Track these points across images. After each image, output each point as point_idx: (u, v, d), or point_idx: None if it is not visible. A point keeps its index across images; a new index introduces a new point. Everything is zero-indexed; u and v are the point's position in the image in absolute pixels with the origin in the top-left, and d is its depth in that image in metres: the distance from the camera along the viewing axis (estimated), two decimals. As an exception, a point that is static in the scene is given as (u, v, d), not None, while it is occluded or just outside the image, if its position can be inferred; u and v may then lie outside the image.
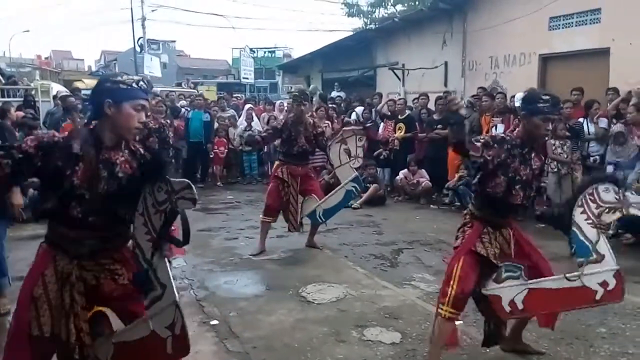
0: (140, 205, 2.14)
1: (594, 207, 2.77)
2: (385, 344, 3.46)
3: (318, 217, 5.57)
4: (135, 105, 2.10)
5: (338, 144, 5.58)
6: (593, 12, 8.60)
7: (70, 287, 2.13)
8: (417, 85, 11.94)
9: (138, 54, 23.07)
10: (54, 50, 43.04)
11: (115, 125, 2.12)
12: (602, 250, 2.78)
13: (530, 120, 2.84)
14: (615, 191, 2.75)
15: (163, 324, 2.14)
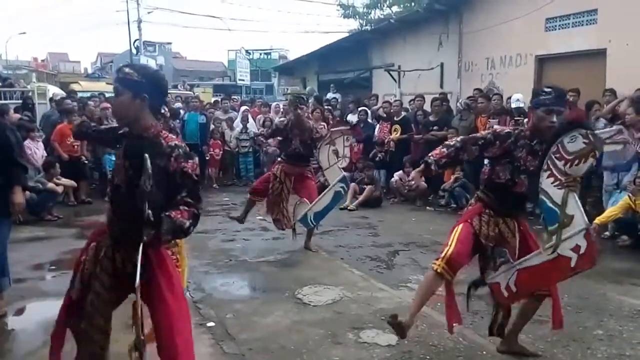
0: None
1: (561, 165, 2.78)
2: (382, 346, 3.44)
3: (310, 222, 5.62)
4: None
5: (327, 146, 5.64)
6: (590, 13, 8.62)
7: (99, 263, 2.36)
8: (413, 86, 11.94)
9: (134, 56, 23.06)
10: (51, 52, 42.99)
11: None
12: (571, 210, 2.78)
13: (534, 113, 2.96)
14: (584, 135, 2.74)
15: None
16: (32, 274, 5.01)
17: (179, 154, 2.23)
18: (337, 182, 5.59)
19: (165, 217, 2.10)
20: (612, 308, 4.07)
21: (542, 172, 2.83)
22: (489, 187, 3.14)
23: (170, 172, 2.20)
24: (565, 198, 2.76)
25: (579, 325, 3.73)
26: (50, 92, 12.27)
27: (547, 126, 2.89)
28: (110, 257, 2.34)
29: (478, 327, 3.71)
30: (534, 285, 3.04)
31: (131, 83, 2.25)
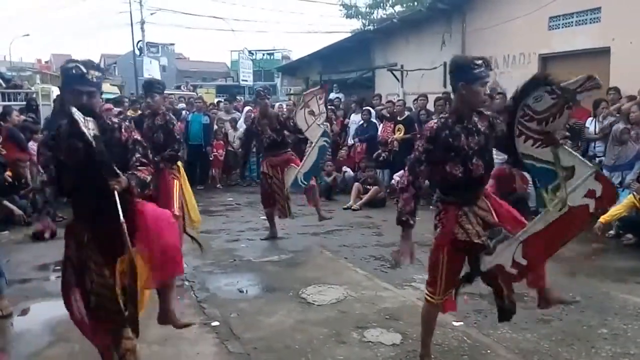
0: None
1: (534, 125, 2.66)
2: (386, 345, 3.45)
3: (300, 182, 5.83)
4: (71, 92, 2.57)
5: (302, 110, 5.84)
6: (593, 12, 8.60)
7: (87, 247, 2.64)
8: (416, 86, 11.93)
9: (137, 57, 23.13)
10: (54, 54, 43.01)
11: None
12: (568, 162, 2.67)
13: (469, 89, 2.74)
14: (549, 91, 2.63)
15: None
16: (37, 275, 5.04)
17: (127, 126, 2.76)
18: (319, 138, 5.72)
19: (131, 174, 2.59)
20: (616, 307, 4.06)
21: (516, 139, 2.71)
22: (447, 187, 2.88)
23: (122, 141, 2.68)
24: (556, 153, 2.67)
25: (583, 324, 3.72)
26: (54, 93, 12.31)
27: (482, 100, 2.82)
28: (92, 237, 2.63)
29: (482, 326, 3.72)
30: (548, 249, 2.85)
31: (99, 83, 2.66)
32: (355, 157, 9.86)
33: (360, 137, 9.90)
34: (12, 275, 4.86)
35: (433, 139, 2.79)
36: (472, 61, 2.77)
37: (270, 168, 6.00)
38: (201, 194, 9.52)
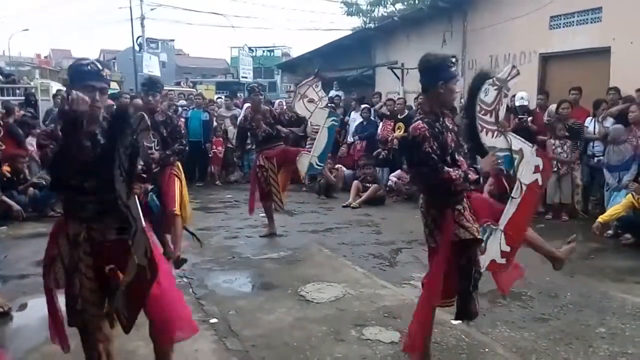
0: (116, 159, 2.34)
1: (488, 117, 2.89)
2: (384, 343, 3.45)
3: (316, 166, 5.97)
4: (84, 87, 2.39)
5: (300, 101, 5.90)
6: (594, 11, 8.58)
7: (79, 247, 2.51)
8: (416, 84, 11.78)
9: (137, 53, 23.07)
10: (53, 49, 42.98)
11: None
12: (517, 145, 2.97)
13: (447, 87, 2.76)
14: (492, 83, 2.86)
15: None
16: (35, 270, 5.01)
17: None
18: (326, 119, 5.84)
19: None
20: (614, 306, 4.07)
21: (479, 134, 2.88)
22: (440, 189, 2.77)
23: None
24: (508, 139, 2.96)
25: (581, 324, 3.73)
26: (53, 88, 12.31)
27: (455, 97, 2.93)
28: (87, 238, 2.52)
29: (480, 325, 3.72)
30: (521, 230, 3.02)
31: (109, 80, 2.69)
32: (355, 155, 9.86)
33: (360, 135, 9.90)
34: (10, 271, 4.87)
35: (432, 134, 2.73)
36: (449, 59, 2.84)
37: (266, 160, 6.06)
38: (200, 191, 9.53)
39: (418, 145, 2.68)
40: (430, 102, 2.86)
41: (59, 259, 2.55)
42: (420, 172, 2.79)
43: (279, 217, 6.54)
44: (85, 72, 2.45)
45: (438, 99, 2.80)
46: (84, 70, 2.45)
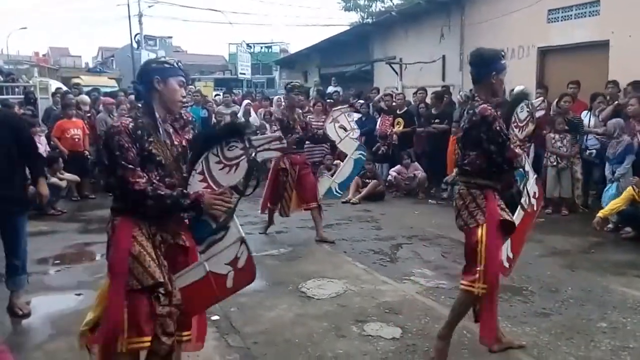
0: (200, 165, 2.49)
1: (518, 131, 3.05)
2: (386, 339, 3.46)
3: (335, 192, 6.07)
4: (178, 81, 2.46)
5: (332, 124, 5.95)
6: (592, 4, 8.56)
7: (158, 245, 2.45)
8: (414, 79, 11.90)
9: (135, 50, 23.03)
10: (52, 47, 42.87)
11: (163, 99, 2.44)
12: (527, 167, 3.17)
13: (498, 78, 2.95)
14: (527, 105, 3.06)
15: (223, 262, 2.53)
16: (37, 269, 5.02)
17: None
18: (354, 151, 6.03)
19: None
20: (615, 300, 4.07)
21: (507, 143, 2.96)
22: (489, 172, 2.94)
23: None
24: (525, 158, 3.09)
25: (582, 318, 3.73)
26: (52, 86, 12.26)
27: (504, 87, 3.06)
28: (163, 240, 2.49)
29: (482, 320, 3.72)
30: (520, 245, 3.23)
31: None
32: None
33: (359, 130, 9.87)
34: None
35: (498, 119, 2.89)
36: (500, 53, 3.01)
37: (290, 165, 5.82)
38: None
39: (489, 124, 2.84)
40: (485, 91, 2.99)
41: (145, 253, 2.36)
42: (489, 150, 2.88)
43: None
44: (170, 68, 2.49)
45: (491, 89, 2.97)
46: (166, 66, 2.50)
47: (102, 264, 5.07)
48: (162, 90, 2.43)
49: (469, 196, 2.97)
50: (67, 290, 4.39)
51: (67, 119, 8.17)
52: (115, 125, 2.37)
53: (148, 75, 2.46)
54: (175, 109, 2.50)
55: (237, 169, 2.52)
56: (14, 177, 3.70)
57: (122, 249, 2.35)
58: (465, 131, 3.00)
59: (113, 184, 2.38)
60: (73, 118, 8.29)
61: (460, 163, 3.05)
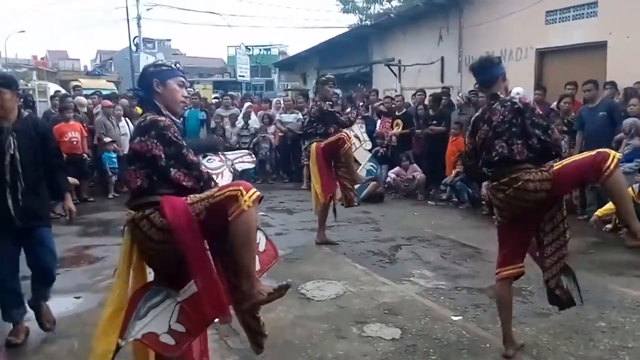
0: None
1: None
2: (386, 339, 3.46)
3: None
4: (178, 82, 2.48)
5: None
6: (590, 6, 8.59)
7: None
8: (413, 81, 11.92)
9: (134, 53, 23.05)
10: (50, 50, 42.86)
11: (164, 101, 2.45)
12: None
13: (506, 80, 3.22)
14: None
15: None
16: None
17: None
18: (366, 162, 6.05)
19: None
20: (614, 300, 4.08)
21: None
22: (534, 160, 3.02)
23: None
24: None
25: (581, 318, 3.73)
26: (50, 90, 12.28)
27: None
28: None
29: (481, 321, 3.73)
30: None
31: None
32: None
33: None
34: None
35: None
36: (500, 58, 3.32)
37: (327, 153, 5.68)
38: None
39: (533, 109, 3.02)
40: (500, 91, 3.16)
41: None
42: (535, 134, 2.95)
43: (278, 216, 6.52)
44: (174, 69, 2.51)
45: (502, 90, 3.17)
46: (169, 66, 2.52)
47: (101, 267, 5.10)
48: (163, 93, 2.44)
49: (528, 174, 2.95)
50: (66, 293, 4.38)
51: (65, 122, 8.17)
52: (160, 119, 2.34)
53: (147, 79, 2.47)
54: (178, 109, 2.52)
55: (222, 176, 2.74)
56: (40, 188, 3.44)
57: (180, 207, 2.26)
58: (506, 123, 3.00)
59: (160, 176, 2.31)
60: (71, 121, 8.29)
61: (500, 157, 3.00)
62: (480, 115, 3.20)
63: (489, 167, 3.10)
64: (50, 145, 3.53)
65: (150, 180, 2.32)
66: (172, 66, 2.51)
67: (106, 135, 8.68)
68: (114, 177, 8.78)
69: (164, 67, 2.50)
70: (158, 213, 2.26)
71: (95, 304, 4.12)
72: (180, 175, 2.33)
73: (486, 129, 3.09)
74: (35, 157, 3.37)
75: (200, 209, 2.24)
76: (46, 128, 3.75)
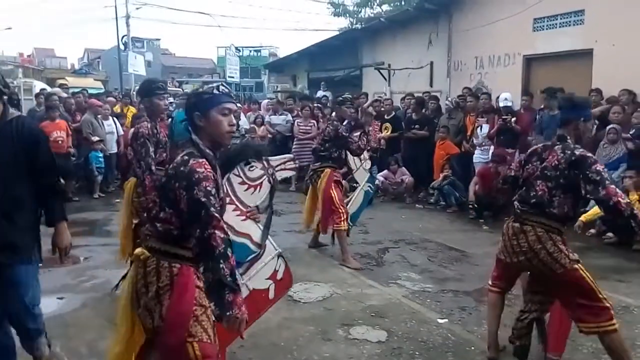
0: (224, 188, 2.38)
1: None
2: (371, 342, 3.47)
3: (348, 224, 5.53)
4: (221, 110, 2.15)
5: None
6: (577, 14, 8.70)
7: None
8: (403, 85, 11.98)
9: (122, 52, 22.86)
10: (37, 48, 42.36)
11: (208, 134, 2.17)
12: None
13: (584, 126, 3.03)
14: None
15: (263, 277, 2.67)
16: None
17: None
18: (365, 183, 5.91)
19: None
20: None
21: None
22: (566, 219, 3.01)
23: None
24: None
25: (565, 321, 3.76)
26: (36, 87, 12.14)
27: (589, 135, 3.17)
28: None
29: (466, 323, 3.76)
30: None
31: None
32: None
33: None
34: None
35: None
36: (590, 101, 3.22)
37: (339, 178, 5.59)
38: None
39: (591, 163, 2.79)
40: (570, 135, 2.96)
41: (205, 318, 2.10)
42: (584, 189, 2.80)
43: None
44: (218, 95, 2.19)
45: (575, 134, 2.98)
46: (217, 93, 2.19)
47: (85, 267, 5.05)
48: (205, 126, 2.15)
49: (550, 241, 2.88)
50: (49, 294, 4.30)
51: (51, 121, 8.09)
52: (200, 170, 2.01)
53: (189, 113, 2.21)
54: (225, 141, 2.22)
55: (260, 188, 2.61)
56: (17, 211, 2.63)
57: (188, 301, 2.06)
58: (558, 171, 2.85)
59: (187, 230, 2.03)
60: (56, 120, 8.20)
61: (537, 200, 2.89)
62: (539, 149, 3.03)
63: (521, 203, 2.98)
64: (41, 158, 2.67)
65: (174, 226, 2.08)
66: (214, 92, 2.18)
67: (93, 134, 8.60)
68: (99, 177, 8.70)
69: (205, 95, 2.19)
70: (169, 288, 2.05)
71: (78, 305, 4.09)
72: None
73: (537, 165, 2.95)
74: (14, 170, 2.59)
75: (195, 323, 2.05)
76: (36, 136, 2.74)
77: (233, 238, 2.43)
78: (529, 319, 3.07)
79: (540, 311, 3.09)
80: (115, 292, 3.75)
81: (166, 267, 2.08)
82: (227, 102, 2.17)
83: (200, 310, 2.07)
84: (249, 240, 2.67)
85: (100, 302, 4.07)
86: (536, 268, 2.95)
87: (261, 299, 2.72)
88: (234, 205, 2.57)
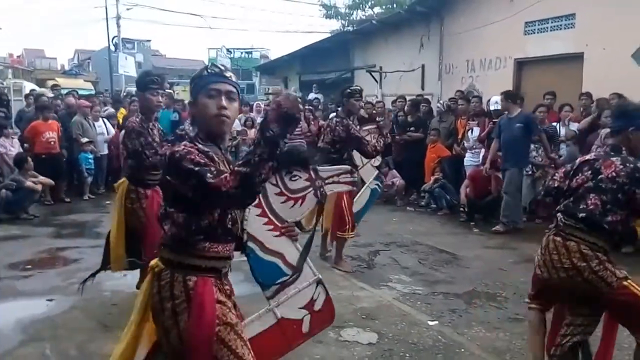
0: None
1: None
2: (362, 344, 3.47)
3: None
4: (207, 92, 1.83)
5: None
6: (567, 18, 8.78)
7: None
8: (394, 87, 12.01)
9: (112, 53, 22.75)
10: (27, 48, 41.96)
11: (200, 123, 1.88)
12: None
13: (636, 135, 2.69)
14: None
15: (297, 306, 2.27)
16: (8, 273, 4.92)
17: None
18: (372, 180, 5.66)
19: None
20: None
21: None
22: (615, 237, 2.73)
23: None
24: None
25: (555, 324, 3.79)
26: (26, 88, 12.06)
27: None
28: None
29: (456, 325, 3.77)
30: None
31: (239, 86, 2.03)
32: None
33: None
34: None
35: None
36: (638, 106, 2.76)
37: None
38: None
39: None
40: (623, 145, 2.72)
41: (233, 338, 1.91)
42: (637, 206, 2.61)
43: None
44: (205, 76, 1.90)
45: (628, 145, 2.70)
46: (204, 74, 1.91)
47: (75, 269, 5.00)
48: (196, 114, 1.90)
49: (596, 259, 2.61)
50: (39, 296, 4.29)
51: (44, 122, 8.03)
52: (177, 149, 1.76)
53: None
54: (214, 128, 1.86)
55: (303, 202, 2.22)
56: None
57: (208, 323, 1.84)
58: (616, 184, 2.59)
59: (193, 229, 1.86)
60: (49, 120, 8.15)
61: (587, 215, 2.62)
62: (590, 160, 2.76)
63: (566, 216, 2.69)
64: None
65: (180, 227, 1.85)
66: (203, 73, 1.90)
67: (83, 135, 8.54)
68: (89, 178, 8.64)
69: (195, 79, 1.93)
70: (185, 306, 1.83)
71: (68, 307, 4.05)
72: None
73: (588, 176, 2.67)
74: None
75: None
76: None
77: (260, 255, 2.23)
78: (571, 342, 2.74)
79: (584, 333, 2.77)
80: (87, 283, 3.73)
81: (180, 282, 1.85)
82: (215, 83, 1.85)
83: (226, 331, 1.85)
84: (280, 260, 2.32)
85: (90, 304, 4.03)
86: (579, 287, 2.67)
87: (292, 330, 2.37)
88: (266, 218, 2.22)
